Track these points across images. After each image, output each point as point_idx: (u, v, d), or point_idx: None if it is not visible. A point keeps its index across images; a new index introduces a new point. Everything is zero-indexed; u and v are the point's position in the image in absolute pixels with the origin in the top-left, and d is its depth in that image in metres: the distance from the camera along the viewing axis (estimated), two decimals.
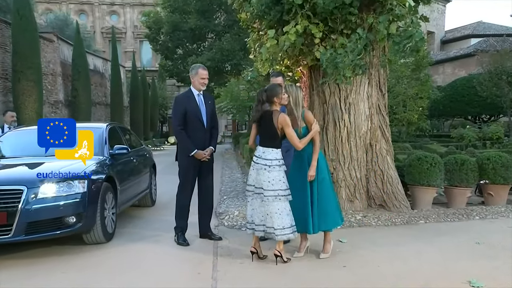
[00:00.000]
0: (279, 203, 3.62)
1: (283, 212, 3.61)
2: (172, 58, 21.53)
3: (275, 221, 3.60)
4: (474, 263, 3.73)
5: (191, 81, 4.39)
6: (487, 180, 6.17)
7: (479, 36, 28.07)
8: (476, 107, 18.30)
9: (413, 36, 4.65)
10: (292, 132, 3.66)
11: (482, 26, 31.14)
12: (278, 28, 5.17)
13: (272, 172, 3.61)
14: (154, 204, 6.68)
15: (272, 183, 3.60)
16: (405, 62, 14.64)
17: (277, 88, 3.79)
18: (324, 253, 3.95)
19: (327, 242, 3.98)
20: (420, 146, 11.97)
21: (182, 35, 19.55)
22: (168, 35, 19.92)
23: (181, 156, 4.42)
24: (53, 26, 21.59)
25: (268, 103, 3.74)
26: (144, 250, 4.28)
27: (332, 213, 3.88)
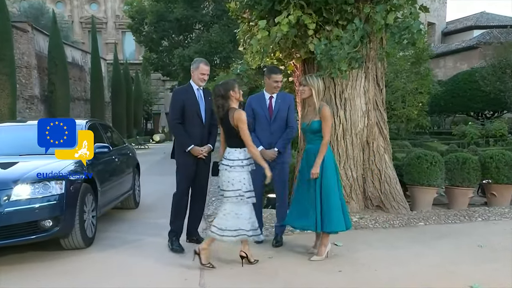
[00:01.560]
0: (238, 206, 3.65)
1: (242, 215, 3.64)
2: (157, 51, 21.40)
3: (230, 223, 3.67)
4: (476, 266, 3.78)
5: (191, 75, 4.38)
6: (490, 180, 6.24)
7: (482, 28, 28.39)
8: (478, 102, 18.52)
9: (410, 28, 4.68)
10: (246, 131, 3.62)
11: (486, 17, 31.50)
12: (270, 19, 5.17)
13: (232, 172, 3.65)
14: (137, 206, 6.66)
15: (232, 183, 3.64)
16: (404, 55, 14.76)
17: (232, 82, 3.82)
18: (317, 256, 3.98)
19: (323, 245, 4.00)
20: (419, 144, 12.11)
21: (167, 25, 19.44)
22: (152, 26, 19.79)
23: (177, 152, 4.40)
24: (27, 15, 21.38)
25: (225, 99, 3.72)
26: (127, 255, 4.26)
27: (335, 215, 3.90)
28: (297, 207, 4.05)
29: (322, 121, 3.92)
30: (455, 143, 12.75)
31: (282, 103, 4.50)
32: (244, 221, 3.67)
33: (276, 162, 4.34)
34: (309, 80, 3.99)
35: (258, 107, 4.46)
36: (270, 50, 5.55)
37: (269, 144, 4.37)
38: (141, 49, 29.26)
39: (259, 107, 4.46)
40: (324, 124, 3.91)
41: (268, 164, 4.39)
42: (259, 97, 4.57)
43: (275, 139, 4.38)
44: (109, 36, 35.89)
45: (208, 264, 3.71)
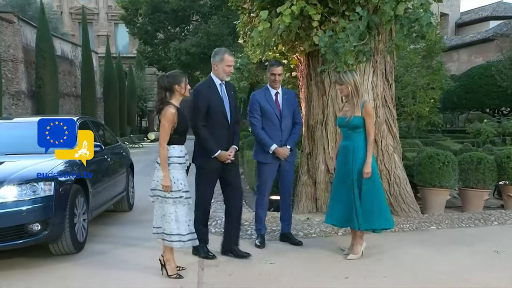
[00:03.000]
0: (166, 207, 3.66)
1: (169, 217, 3.66)
2: (151, 43, 21.46)
3: (158, 223, 3.73)
4: (492, 274, 3.77)
5: (214, 68, 4.18)
6: (506, 181, 6.24)
7: (499, 18, 28.31)
8: (494, 98, 18.49)
9: (420, 20, 4.67)
10: (166, 129, 3.58)
11: (503, 6, 31.40)
12: (272, 9, 5.17)
13: (159, 170, 3.66)
14: (131, 209, 6.67)
15: (161, 183, 3.64)
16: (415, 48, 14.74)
17: (180, 75, 3.74)
18: (353, 254, 4.15)
19: (358, 243, 4.16)
20: (431, 142, 12.09)
21: (163, 17, 19.48)
22: (147, 17, 19.83)
23: (201, 157, 4.18)
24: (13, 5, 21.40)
25: (168, 92, 3.67)
26: (119, 261, 4.26)
27: (377, 212, 4.07)
28: (337, 205, 4.18)
29: (366, 117, 4.05)
30: (469, 142, 12.73)
31: (288, 99, 4.63)
32: (175, 224, 3.65)
33: (286, 160, 4.52)
34: (344, 79, 4.09)
35: (266, 103, 4.52)
36: (272, 43, 5.54)
37: (280, 141, 4.49)
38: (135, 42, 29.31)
39: (267, 104, 4.52)
40: (368, 121, 4.05)
41: (279, 163, 4.52)
42: (265, 92, 4.61)
43: (285, 137, 4.53)
44: (100, 28, 35.91)
45: (175, 275, 3.72)
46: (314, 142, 5.81)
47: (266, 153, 4.51)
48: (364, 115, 4.05)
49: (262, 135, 4.49)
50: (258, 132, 4.52)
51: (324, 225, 5.24)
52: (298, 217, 5.49)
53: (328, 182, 5.75)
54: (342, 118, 4.18)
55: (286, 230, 4.76)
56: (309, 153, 5.87)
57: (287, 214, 4.75)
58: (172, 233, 3.64)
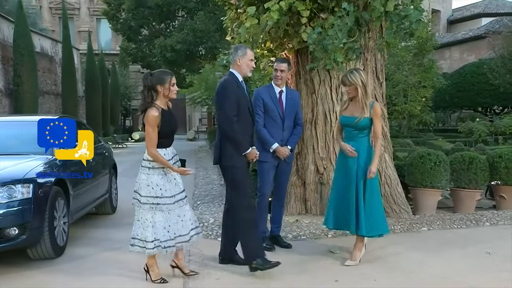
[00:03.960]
0: (143, 212, 3.63)
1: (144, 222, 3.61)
2: (135, 40, 21.33)
3: (134, 228, 3.70)
4: (484, 276, 3.81)
5: (236, 65, 4.06)
6: (499, 181, 6.31)
7: (491, 15, 28.62)
8: (487, 97, 18.69)
9: (409, 17, 4.71)
10: (151, 133, 3.53)
11: (495, 3, 31.78)
12: (259, 5, 5.17)
13: (141, 174, 3.64)
14: (114, 211, 6.64)
15: (140, 187, 3.63)
16: (406, 46, 14.85)
17: (166, 75, 3.63)
18: (352, 260, 4.12)
19: (358, 249, 4.16)
20: (423, 142, 12.20)
21: (147, 12, 19.37)
22: (130, 12, 19.70)
23: (234, 156, 3.95)
24: None
25: (152, 91, 3.58)
26: (102, 267, 4.23)
27: (380, 218, 4.15)
28: (337, 208, 4.19)
29: (375, 118, 4.06)
30: (461, 141, 12.85)
31: (292, 98, 4.65)
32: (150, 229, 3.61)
33: (285, 161, 4.56)
34: (351, 79, 4.01)
35: (270, 100, 4.54)
36: (260, 40, 5.56)
37: (281, 141, 4.52)
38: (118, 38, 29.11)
39: (270, 101, 4.54)
40: (377, 122, 4.08)
41: (277, 162, 4.52)
42: (268, 89, 4.62)
43: (286, 136, 4.56)
44: (82, 24, 35.56)
45: (159, 280, 3.71)
46: (303, 142, 5.82)
47: (267, 152, 4.48)
48: (373, 116, 4.05)
49: (264, 133, 4.49)
50: (260, 129, 4.49)
51: (314, 227, 5.27)
52: (287, 218, 5.50)
53: (317, 183, 5.78)
54: (350, 117, 4.12)
55: (276, 232, 4.76)
56: (298, 153, 5.89)
57: (279, 216, 4.76)
58: (147, 240, 3.59)
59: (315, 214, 5.78)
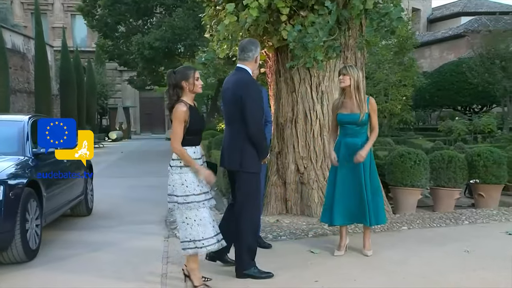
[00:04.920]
0: (184, 212, 3.51)
1: (190, 222, 3.49)
2: (112, 37, 21.01)
3: (181, 232, 3.58)
4: (463, 275, 3.87)
5: (253, 63, 3.93)
6: (477, 180, 6.42)
7: (470, 14, 29.17)
8: (466, 96, 19.00)
9: (389, 14, 4.77)
10: (176, 128, 3.46)
11: (474, 2, 32.42)
12: (238, 2, 5.16)
13: (173, 175, 3.53)
14: (90, 213, 6.57)
15: (175, 188, 3.52)
16: (387, 44, 15.02)
17: (190, 70, 3.60)
18: (369, 250, 4.39)
19: (368, 238, 4.44)
20: (403, 141, 12.35)
21: (124, 8, 19.11)
22: (106, 9, 19.41)
23: (255, 161, 3.85)
24: None
25: (178, 89, 3.53)
26: (76, 271, 4.17)
27: (382, 206, 4.43)
28: (344, 203, 4.29)
29: (372, 113, 4.28)
30: (441, 140, 13.07)
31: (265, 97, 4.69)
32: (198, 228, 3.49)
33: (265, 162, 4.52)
34: (348, 69, 4.23)
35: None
36: (239, 37, 5.54)
37: None
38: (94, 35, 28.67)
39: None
40: (374, 116, 4.30)
41: None
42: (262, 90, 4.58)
43: None
44: (56, 20, 34.95)
45: (202, 286, 3.57)
46: (283, 141, 5.85)
47: None
48: (371, 110, 4.27)
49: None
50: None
51: (294, 227, 5.29)
52: (267, 219, 5.52)
53: (298, 182, 5.80)
54: (351, 115, 4.24)
55: None
56: (278, 153, 5.91)
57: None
58: (195, 239, 3.47)
59: (295, 214, 5.81)
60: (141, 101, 35.60)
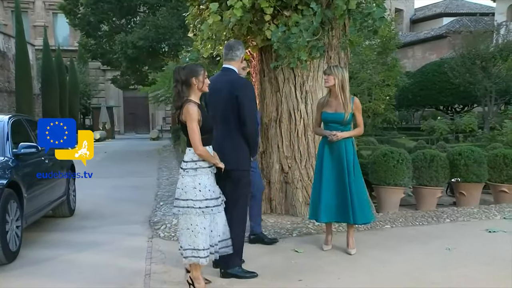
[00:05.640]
0: (191, 218, 3.39)
1: (195, 229, 3.38)
2: (95, 36, 20.81)
3: (184, 239, 3.44)
4: (444, 272, 3.93)
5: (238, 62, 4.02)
6: (458, 178, 6.51)
7: (452, 15, 29.59)
8: (448, 96, 19.25)
9: (372, 14, 4.82)
10: (194, 129, 3.36)
11: (455, 3, 32.88)
12: (222, 2, 5.15)
13: (185, 177, 3.42)
14: (72, 214, 6.48)
15: (185, 191, 3.40)
16: (370, 45, 15.12)
17: (199, 67, 3.53)
18: (353, 248, 4.41)
19: (352, 236, 4.46)
20: (387, 140, 12.48)
21: (106, 7, 18.93)
22: (89, 7, 19.20)
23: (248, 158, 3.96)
24: None
25: (185, 86, 3.44)
26: (57, 271, 4.13)
27: (367, 204, 4.47)
28: (328, 201, 4.33)
29: (357, 112, 4.36)
30: (423, 139, 13.25)
31: None
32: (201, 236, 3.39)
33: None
34: (333, 69, 4.30)
35: None
36: (223, 37, 5.54)
37: None
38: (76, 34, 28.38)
39: None
40: (359, 115, 4.39)
41: None
42: None
43: None
44: (37, 18, 34.43)
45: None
46: (267, 141, 5.85)
47: None
48: (355, 110, 4.35)
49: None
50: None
51: (279, 227, 5.30)
52: None
53: (282, 182, 5.81)
54: (336, 114, 4.32)
55: (259, 230, 4.82)
56: (263, 152, 5.91)
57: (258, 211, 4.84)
58: (199, 248, 3.36)
59: (280, 213, 5.82)
60: (125, 101, 35.24)
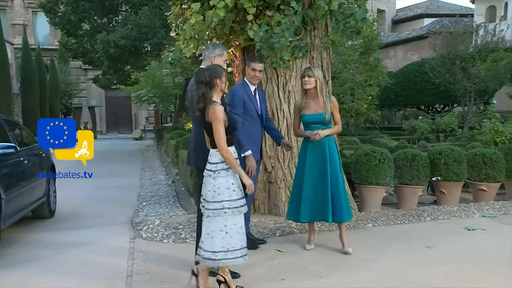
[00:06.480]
0: (227, 218, 3.34)
1: (232, 230, 3.34)
2: (76, 35, 20.54)
3: (213, 242, 3.34)
4: (425, 270, 3.98)
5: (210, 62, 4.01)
6: (439, 177, 6.60)
7: (432, 16, 30.01)
8: (429, 95, 19.47)
9: (354, 15, 4.85)
10: (220, 131, 3.34)
11: (435, 4, 33.33)
12: (204, 1, 5.14)
13: (217, 179, 3.36)
14: (53, 215, 6.41)
15: (218, 193, 3.34)
16: (353, 45, 15.23)
17: (221, 69, 3.55)
18: (349, 247, 4.42)
19: (345, 235, 4.49)
20: (369, 139, 12.57)
21: (87, 6, 18.70)
22: (69, 6, 18.94)
23: None
24: None
25: (209, 87, 3.43)
26: (37, 274, 4.07)
27: (346, 202, 4.48)
28: (312, 200, 4.37)
29: (335, 110, 4.46)
30: (405, 139, 13.39)
31: (262, 96, 4.73)
32: (238, 236, 3.37)
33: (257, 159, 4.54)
34: (314, 71, 4.35)
35: (248, 100, 4.49)
36: (205, 37, 5.52)
37: (260, 139, 4.63)
38: (57, 33, 27.98)
39: (249, 100, 4.50)
40: (336, 113, 4.48)
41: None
42: (245, 88, 4.55)
43: (263, 134, 4.69)
44: (16, 16, 33.84)
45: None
46: None
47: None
48: (333, 109, 4.44)
49: (241, 136, 4.34)
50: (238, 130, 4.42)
51: (262, 226, 5.31)
52: None
53: (265, 181, 5.82)
54: (316, 115, 4.37)
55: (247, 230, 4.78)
56: None
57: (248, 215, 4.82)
58: (235, 248, 3.33)
59: (263, 213, 5.83)
60: (107, 101, 34.87)
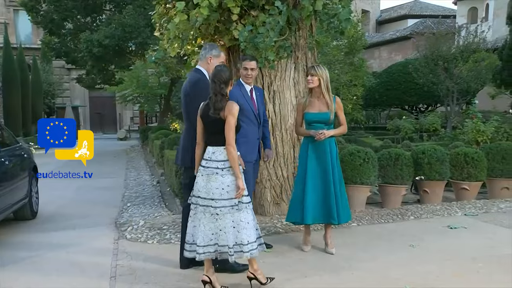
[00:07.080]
0: (239, 214, 3.42)
1: (239, 224, 3.41)
2: (59, 34, 20.31)
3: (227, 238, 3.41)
4: (409, 269, 4.03)
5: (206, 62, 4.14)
6: (422, 176, 6.66)
7: (416, 17, 30.41)
8: (413, 95, 19.71)
9: (338, 15, 4.88)
10: (232, 125, 3.39)
11: (419, 5, 33.77)
12: (189, 1, 5.12)
13: (226, 176, 3.40)
14: (35, 217, 6.33)
15: (227, 190, 3.39)
16: (338, 45, 15.30)
17: (228, 68, 3.72)
18: (333, 248, 4.46)
19: (330, 236, 4.54)
20: (354, 139, 12.63)
21: (70, 4, 18.50)
22: (52, 4, 18.71)
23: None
24: None
25: (225, 86, 3.50)
26: (18, 277, 4.03)
27: (346, 205, 4.51)
28: (315, 202, 4.36)
29: (339, 111, 4.42)
30: (389, 138, 13.49)
31: (260, 96, 4.68)
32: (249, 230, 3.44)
33: (255, 160, 4.53)
34: (318, 70, 4.29)
35: (244, 101, 4.45)
36: (190, 36, 5.50)
37: (258, 140, 4.57)
38: (39, 32, 27.65)
39: (245, 101, 4.44)
40: (341, 114, 4.46)
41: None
42: (240, 88, 4.51)
43: (260, 135, 4.62)
44: None
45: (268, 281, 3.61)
46: None
47: None
48: (337, 109, 4.40)
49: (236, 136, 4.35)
50: None
51: None
52: None
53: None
54: (320, 114, 4.36)
55: None
56: None
57: None
58: (251, 241, 3.42)
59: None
60: (91, 101, 34.54)
